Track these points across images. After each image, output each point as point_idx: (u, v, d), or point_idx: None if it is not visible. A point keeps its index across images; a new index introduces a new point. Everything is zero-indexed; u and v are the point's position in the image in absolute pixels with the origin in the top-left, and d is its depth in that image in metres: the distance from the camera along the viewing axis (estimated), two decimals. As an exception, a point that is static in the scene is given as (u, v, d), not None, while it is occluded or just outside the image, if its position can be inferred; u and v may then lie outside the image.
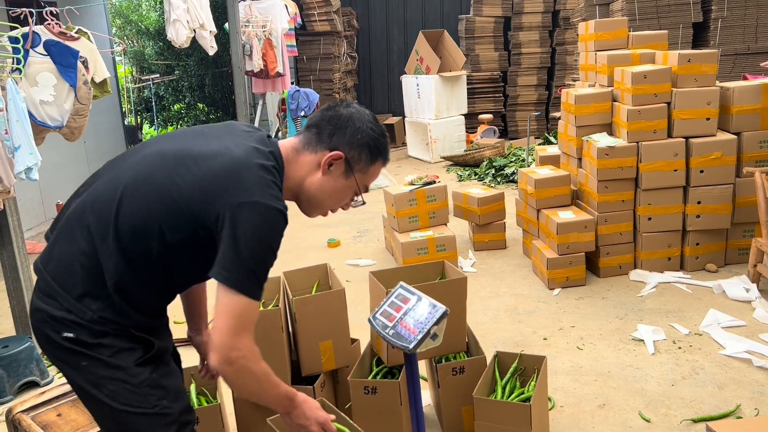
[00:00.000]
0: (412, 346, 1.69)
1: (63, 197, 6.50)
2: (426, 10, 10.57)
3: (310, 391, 2.43)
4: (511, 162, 7.39)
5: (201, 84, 10.28)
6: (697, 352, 3.20)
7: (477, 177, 7.40)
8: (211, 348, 1.44)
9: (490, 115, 9.07)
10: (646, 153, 4.03)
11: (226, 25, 7.24)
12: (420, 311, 1.77)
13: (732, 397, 2.80)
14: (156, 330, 1.61)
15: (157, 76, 10.40)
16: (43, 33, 3.46)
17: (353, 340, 2.69)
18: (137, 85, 11.06)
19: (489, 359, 2.60)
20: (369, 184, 1.67)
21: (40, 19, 3.55)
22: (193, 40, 5.82)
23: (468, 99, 9.10)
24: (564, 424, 2.70)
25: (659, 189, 4.07)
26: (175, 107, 11.01)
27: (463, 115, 8.87)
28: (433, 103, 8.44)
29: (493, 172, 7.30)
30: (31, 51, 3.40)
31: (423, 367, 2.94)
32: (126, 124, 9.25)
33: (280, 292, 2.66)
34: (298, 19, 8.45)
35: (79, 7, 3.97)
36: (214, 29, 5.94)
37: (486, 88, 9.79)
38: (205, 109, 10.68)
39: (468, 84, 9.17)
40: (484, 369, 2.52)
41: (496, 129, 9.01)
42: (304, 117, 7.14)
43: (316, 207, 1.66)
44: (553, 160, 4.92)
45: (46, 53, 3.44)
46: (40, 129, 3.52)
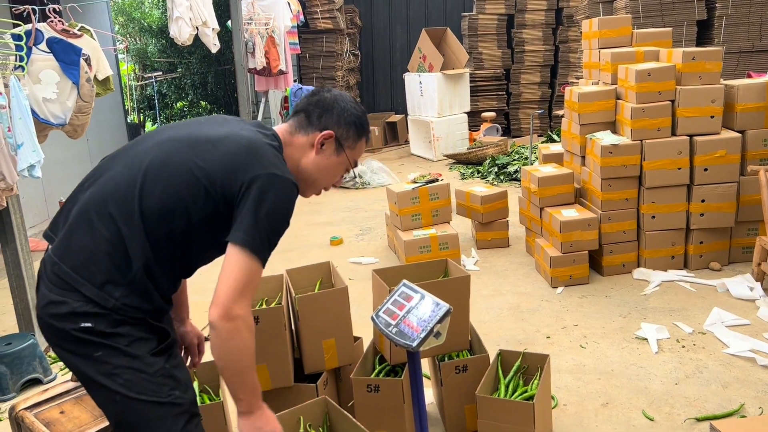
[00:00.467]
0: (415, 344, 1.69)
1: (66, 195, 6.45)
2: (429, 7, 10.55)
3: (313, 389, 2.43)
4: (514, 160, 7.38)
5: (204, 82, 10.28)
6: (700, 351, 3.19)
7: (480, 175, 7.39)
8: (213, 302, 1.47)
9: (493, 113, 9.06)
10: (650, 151, 4.01)
11: (229, 22, 7.24)
12: (423, 309, 1.76)
13: (736, 396, 2.79)
14: (164, 317, 1.66)
15: (160, 73, 10.41)
16: (46, 30, 3.46)
17: (356, 338, 2.69)
18: (140, 83, 11.06)
19: (492, 358, 2.59)
20: (357, 159, 1.82)
21: (43, 17, 3.55)
22: (196, 38, 5.82)
23: (471, 97, 9.09)
24: (567, 422, 2.69)
25: (663, 187, 4.06)
26: (177, 105, 11.01)
27: (466, 113, 8.85)
28: (435, 100, 8.43)
29: (495, 170, 7.29)
30: (34, 48, 3.39)
31: (426, 365, 2.93)
32: (129, 122, 9.25)
33: (283, 290, 2.66)
34: (301, 17, 8.44)
35: (81, 5, 3.96)
36: (217, 27, 5.93)
37: (489, 86, 9.77)
38: (208, 106, 10.68)
39: (471, 82, 9.16)
40: (487, 367, 2.52)
41: (499, 127, 8.99)
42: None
43: (312, 185, 1.77)
44: (556, 158, 4.90)
45: (49, 51, 3.44)
46: (42, 126, 3.52)
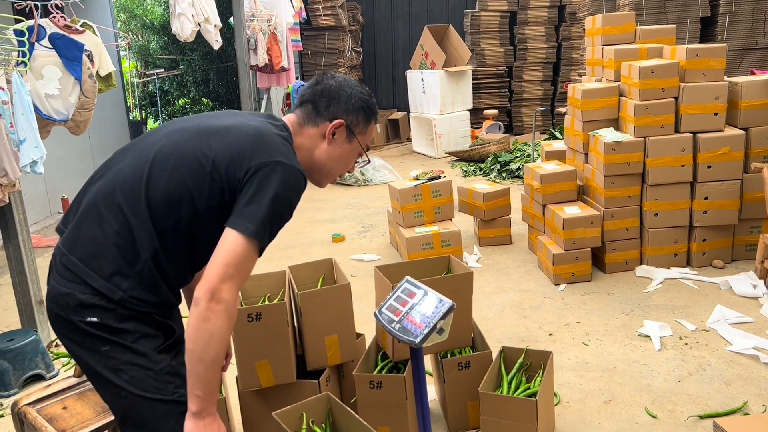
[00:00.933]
0: (418, 340, 1.68)
1: (68, 191, 6.51)
2: (431, 4, 10.53)
3: (316, 385, 2.43)
4: (516, 157, 7.36)
5: (206, 79, 10.28)
6: (703, 349, 3.18)
7: (482, 172, 7.38)
8: (202, 279, 1.43)
9: (495, 111, 9.04)
10: (653, 148, 4.00)
11: (231, 19, 7.23)
12: (426, 306, 1.76)
13: (739, 394, 2.78)
14: (173, 313, 1.65)
15: (162, 70, 10.41)
16: (49, 26, 3.45)
17: (359, 335, 2.68)
18: (142, 80, 11.06)
19: (495, 354, 2.59)
20: (368, 143, 1.81)
21: (45, 12, 3.54)
22: (198, 35, 5.81)
23: (473, 94, 9.07)
24: (570, 419, 2.69)
25: (666, 184, 4.05)
26: (179, 102, 11.01)
27: (468, 110, 8.84)
28: (438, 98, 8.41)
29: (498, 167, 7.28)
30: (36, 44, 3.39)
31: (428, 362, 2.93)
32: (131, 118, 9.26)
33: (286, 287, 2.65)
34: (303, 14, 8.42)
35: (84, 0, 3.95)
36: (219, 23, 5.93)
37: (491, 84, 9.75)
38: (210, 103, 10.67)
39: (473, 79, 9.14)
40: (490, 364, 2.52)
41: (501, 124, 8.98)
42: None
43: (327, 175, 1.76)
44: (559, 156, 4.89)
45: (51, 46, 3.43)
46: (45, 122, 3.51)
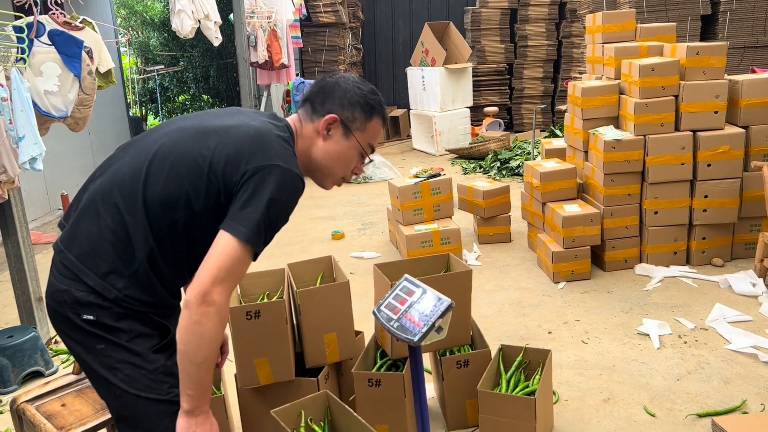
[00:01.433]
0: (416, 338, 1.68)
1: (68, 188, 6.51)
2: (432, 1, 10.51)
3: (314, 383, 2.43)
4: (516, 155, 7.36)
5: (206, 75, 10.27)
6: (702, 347, 3.18)
7: (482, 170, 7.38)
8: (193, 282, 1.41)
9: (495, 108, 9.03)
10: (653, 146, 4.00)
11: (231, 15, 7.22)
12: (425, 304, 1.76)
13: (738, 393, 2.79)
14: (172, 313, 1.63)
15: (162, 67, 10.40)
16: (48, 22, 3.44)
17: (357, 333, 2.68)
18: (142, 76, 11.05)
19: (493, 352, 2.59)
20: (372, 142, 1.71)
21: (45, 9, 3.54)
22: (198, 31, 5.80)
23: (473, 91, 9.06)
24: (568, 418, 2.69)
25: (666, 183, 4.05)
26: (179, 98, 11.01)
27: (469, 107, 8.83)
28: (438, 95, 8.41)
29: (498, 165, 7.28)
30: (35, 40, 3.38)
31: (427, 360, 2.93)
32: (130, 115, 9.25)
33: (285, 284, 2.65)
34: (303, 11, 8.41)
35: (83, -3, 3.94)
36: (219, 20, 5.92)
37: (492, 81, 9.74)
38: (210, 100, 10.67)
39: (473, 76, 9.13)
40: (489, 362, 2.52)
41: (501, 122, 8.97)
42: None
43: (327, 175, 1.70)
44: (559, 153, 4.89)
45: (50, 43, 3.43)
46: (44, 119, 3.51)
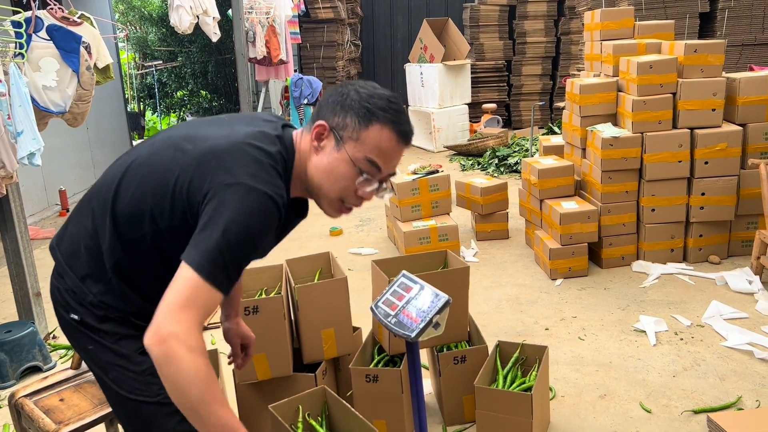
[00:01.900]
0: (414, 334, 1.69)
1: (66, 183, 6.50)
2: (430, -3, 10.50)
3: (312, 379, 2.44)
4: (514, 152, 7.37)
5: (204, 71, 10.25)
6: (698, 344, 3.20)
7: (480, 167, 7.38)
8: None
9: (493, 105, 9.04)
10: (651, 144, 4.01)
11: (230, 11, 7.20)
12: (422, 300, 1.76)
13: (733, 389, 2.80)
14: None
15: (160, 62, 10.38)
16: (46, 18, 3.44)
17: (355, 329, 2.69)
18: (140, 72, 11.03)
19: (490, 349, 2.60)
20: (373, 156, 1.40)
21: (43, 4, 3.53)
22: (197, 27, 5.80)
23: (472, 88, 9.06)
24: (565, 414, 2.70)
25: (663, 180, 4.06)
26: (177, 94, 10.99)
27: (467, 104, 8.83)
28: (436, 91, 8.40)
29: (496, 161, 7.28)
30: (33, 36, 3.38)
31: (424, 355, 2.94)
32: (129, 110, 9.23)
33: (283, 280, 2.66)
34: (302, 6, 8.40)
35: (81, -8, 3.94)
36: (218, 15, 5.91)
37: (490, 78, 9.74)
38: (208, 96, 10.65)
39: (472, 73, 9.13)
40: (486, 358, 2.53)
41: (499, 119, 8.97)
42: (307, 105, 7.11)
43: (321, 195, 1.47)
44: (556, 150, 4.90)
45: (48, 38, 3.42)
46: (42, 114, 3.51)
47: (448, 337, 2.58)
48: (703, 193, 4.05)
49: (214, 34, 5.93)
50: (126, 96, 9.39)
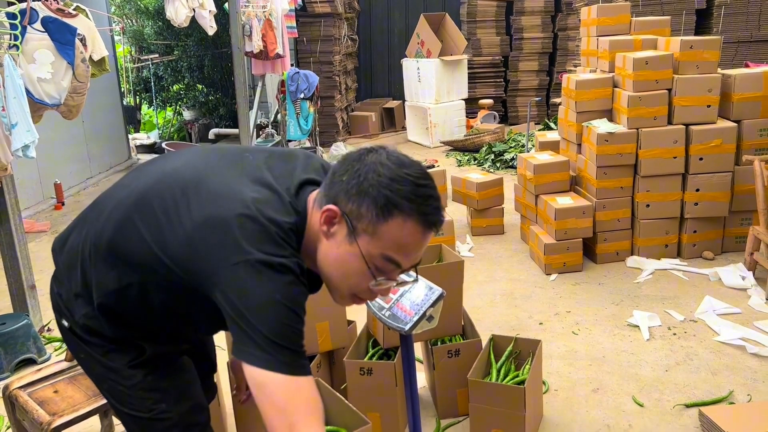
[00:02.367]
0: (407, 327, 1.70)
1: (62, 176, 6.48)
2: (428, -8, 10.47)
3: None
4: (510, 147, 7.37)
5: (200, 65, 10.21)
6: (691, 339, 3.22)
7: (476, 162, 7.39)
8: None
9: (490, 101, 9.03)
10: (646, 139, 4.02)
11: (226, 4, 7.17)
12: (416, 293, 1.77)
13: (725, 383, 2.82)
14: (157, 340, 1.47)
15: (156, 56, 10.34)
16: (41, 9, 3.42)
17: (350, 322, 2.70)
18: (136, 65, 10.99)
19: (484, 343, 2.61)
20: (391, 254, 1.18)
21: (38, -4, 3.51)
22: (193, 20, 5.77)
23: (469, 84, 9.05)
24: (558, 407, 2.72)
25: (658, 176, 4.07)
26: (174, 88, 10.95)
27: (464, 99, 8.83)
28: (433, 87, 8.40)
29: (492, 157, 7.29)
30: (28, 27, 3.36)
31: (419, 349, 2.95)
32: (125, 104, 9.20)
33: (277, 273, 2.65)
34: (299, 0, 8.37)
35: (77, -16, 3.92)
36: (214, 9, 5.89)
37: (487, 73, 9.73)
38: (205, 90, 10.62)
39: (469, 68, 9.12)
40: (480, 352, 2.54)
41: (496, 114, 8.97)
42: (303, 99, 7.10)
43: (332, 288, 1.28)
44: (552, 146, 4.90)
45: (43, 30, 3.41)
46: (37, 106, 3.49)
47: (442, 330, 2.59)
48: (697, 189, 4.06)
49: (211, 27, 5.90)
50: (122, 89, 9.36)
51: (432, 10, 9.88)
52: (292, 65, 7.93)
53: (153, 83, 10.40)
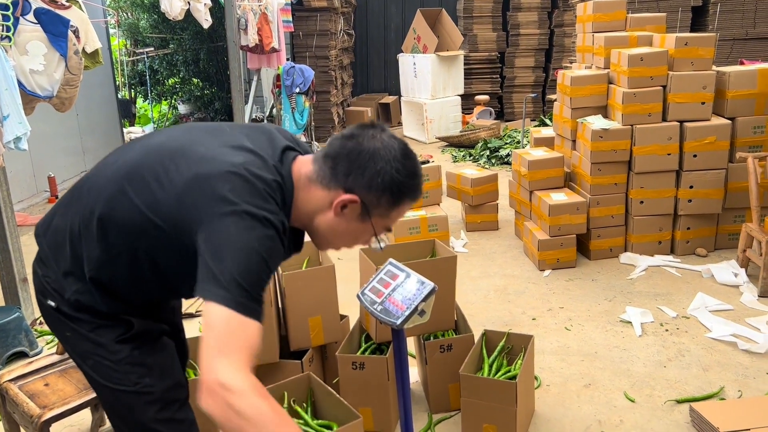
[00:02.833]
0: (399, 321, 1.70)
1: (55, 169, 6.45)
2: (424, -12, 10.45)
3: (298, 365, 2.44)
4: (506, 144, 7.37)
5: (196, 58, 10.17)
6: (683, 335, 3.23)
7: (472, 158, 7.39)
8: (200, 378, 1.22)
9: (486, 96, 9.03)
10: (640, 136, 4.02)
11: (222, -2, 7.14)
12: (408, 287, 1.77)
13: (716, 379, 2.83)
14: (144, 312, 1.53)
15: (152, 49, 10.28)
16: (34, 0, 3.40)
17: (342, 317, 2.70)
18: (131, 59, 10.93)
19: (477, 338, 2.61)
20: (390, 225, 1.46)
21: (31, -13, 3.49)
22: (188, 13, 5.75)
23: (465, 79, 9.05)
24: (550, 402, 2.72)
25: (652, 172, 4.08)
26: (169, 81, 10.90)
27: (460, 95, 8.83)
28: (429, 82, 8.39)
29: (487, 153, 7.29)
30: (21, 18, 3.34)
31: (411, 344, 2.95)
32: (119, 97, 9.16)
33: (270, 267, 2.65)
34: (295, -6, 8.34)
35: (70, -24, 3.89)
36: (209, 2, 5.86)
37: (483, 69, 9.73)
38: (200, 84, 10.58)
39: (465, 64, 9.12)
40: (472, 347, 2.54)
41: (492, 110, 8.97)
42: (299, 94, 7.07)
43: (327, 243, 1.48)
44: (547, 142, 4.91)
45: (36, 21, 3.38)
46: (29, 98, 3.47)
47: (435, 325, 2.59)
48: (691, 186, 4.07)
49: (206, 20, 5.88)
50: (117, 83, 9.31)
51: (429, 5, 9.86)
52: (287, 59, 7.91)
53: (148, 76, 10.35)
